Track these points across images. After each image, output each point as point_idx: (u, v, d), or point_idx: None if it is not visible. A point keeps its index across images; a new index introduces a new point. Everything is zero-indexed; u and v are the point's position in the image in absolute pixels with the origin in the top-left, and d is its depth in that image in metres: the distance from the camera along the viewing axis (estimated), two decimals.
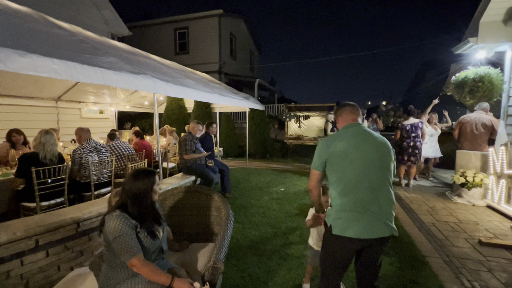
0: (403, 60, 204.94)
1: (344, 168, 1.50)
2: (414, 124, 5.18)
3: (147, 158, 4.52)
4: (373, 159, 1.49)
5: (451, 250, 2.83)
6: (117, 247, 1.36)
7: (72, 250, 2.24)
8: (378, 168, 1.49)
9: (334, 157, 1.53)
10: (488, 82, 4.54)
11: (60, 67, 2.16)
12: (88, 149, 3.43)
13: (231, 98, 5.87)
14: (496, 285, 2.24)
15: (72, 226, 2.21)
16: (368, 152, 1.50)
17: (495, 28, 4.19)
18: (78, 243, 2.28)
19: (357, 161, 1.48)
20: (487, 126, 4.58)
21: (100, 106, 7.26)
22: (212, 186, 4.18)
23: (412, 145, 5.16)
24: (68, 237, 2.19)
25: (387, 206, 1.48)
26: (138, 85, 3.00)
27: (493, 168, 4.01)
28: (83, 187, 3.40)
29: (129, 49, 5.07)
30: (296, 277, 2.32)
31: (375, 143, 1.53)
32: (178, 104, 9.22)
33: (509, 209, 3.65)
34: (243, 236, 3.13)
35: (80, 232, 2.27)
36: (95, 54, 3.01)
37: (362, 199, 1.45)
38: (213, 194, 2.23)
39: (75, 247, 2.25)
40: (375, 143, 1.53)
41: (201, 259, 1.87)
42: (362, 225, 1.44)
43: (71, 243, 2.22)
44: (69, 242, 2.20)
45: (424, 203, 4.36)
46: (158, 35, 14.36)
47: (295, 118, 9.76)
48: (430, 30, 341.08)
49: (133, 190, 1.47)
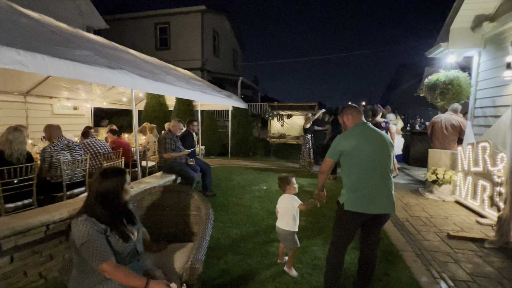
0: (382, 62, 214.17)
1: (357, 159, 1.86)
2: (377, 124, 5.13)
3: (125, 156, 4.36)
4: (379, 150, 1.87)
5: (422, 244, 2.99)
6: (86, 253, 1.28)
7: (40, 255, 2.11)
8: (382, 157, 1.87)
9: (350, 149, 1.88)
10: (457, 85, 4.83)
11: (27, 59, 2.01)
12: (59, 147, 3.24)
13: (213, 96, 5.80)
14: (462, 276, 2.39)
15: (41, 229, 2.08)
16: (375, 145, 1.88)
17: (464, 34, 4.45)
18: (47, 246, 2.15)
19: (367, 152, 1.85)
20: (455, 126, 4.87)
21: (74, 102, 6.88)
22: (193, 185, 4.12)
23: None
24: (36, 240, 2.06)
25: (389, 188, 1.88)
26: (115, 81, 2.87)
27: (461, 166, 4.27)
28: (54, 188, 3.21)
29: (106, 42, 4.85)
30: (276, 275, 2.34)
31: (380, 137, 1.92)
32: (159, 101, 8.98)
33: (475, 204, 3.91)
34: (224, 235, 3.11)
35: (49, 235, 2.15)
36: (67, 47, 2.85)
37: (370, 182, 1.84)
38: (192, 193, 2.19)
39: (44, 251, 2.13)
40: (380, 138, 1.91)
41: (180, 259, 1.83)
42: (368, 203, 1.82)
43: (40, 247, 2.09)
44: (37, 246, 2.07)
45: (399, 200, 4.56)
46: (137, 29, 13.85)
47: (277, 117, 9.83)
48: (408, 34, 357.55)
49: (102, 191, 1.40)
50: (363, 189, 1.84)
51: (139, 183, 3.41)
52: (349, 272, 2.41)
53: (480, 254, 2.77)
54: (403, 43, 63.81)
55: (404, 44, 58.04)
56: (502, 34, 3.95)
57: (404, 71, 19.56)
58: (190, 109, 8.88)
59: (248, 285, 2.21)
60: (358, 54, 66.51)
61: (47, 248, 2.14)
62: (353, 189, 1.87)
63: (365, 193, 1.83)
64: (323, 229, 3.31)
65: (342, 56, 39.32)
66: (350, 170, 1.90)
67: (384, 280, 2.30)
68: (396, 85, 22.01)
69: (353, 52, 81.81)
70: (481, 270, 2.48)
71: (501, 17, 3.83)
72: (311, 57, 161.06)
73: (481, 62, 4.51)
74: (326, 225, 3.44)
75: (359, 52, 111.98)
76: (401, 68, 20.25)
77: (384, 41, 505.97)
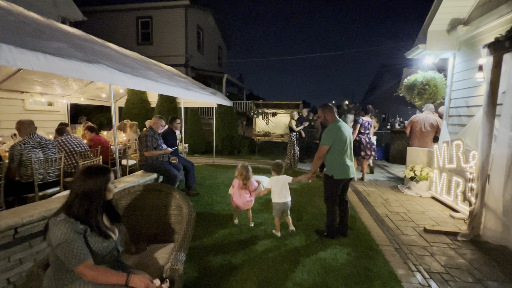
0: (365, 62, 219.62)
1: (340, 144, 2.84)
2: (370, 122, 5.82)
3: (103, 155, 4.19)
4: (349, 138, 2.91)
5: (401, 238, 3.10)
6: (62, 254, 1.24)
7: (8, 260, 1.97)
8: (350, 141, 2.94)
9: (337, 138, 2.84)
10: (434, 86, 5.04)
11: None
12: (30, 144, 3.05)
13: (197, 92, 5.68)
14: (437, 268, 2.50)
15: (8, 233, 1.95)
16: (347, 134, 2.90)
17: (440, 36, 4.64)
18: (16, 251, 2.01)
19: (344, 139, 2.85)
20: (433, 125, 5.08)
21: (48, 98, 6.51)
22: (176, 184, 4.02)
23: (369, 141, 5.74)
24: (2, 245, 1.93)
25: (353, 161, 3.01)
26: (91, 75, 2.73)
27: (436, 163, 4.47)
28: (25, 188, 3.03)
29: (82, 35, 4.61)
30: (260, 272, 2.34)
31: (348, 129, 2.95)
32: (141, 98, 8.70)
33: (449, 199, 4.11)
34: (207, 234, 3.06)
35: (18, 238, 2.01)
36: (38, 38, 2.68)
37: (346, 159, 2.89)
38: (173, 192, 2.13)
39: (12, 256, 1.99)
40: (348, 129, 2.96)
41: (160, 260, 1.77)
42: (347, 172, 2.89)
43: (7, 252, 1.96)
44: (3, 250, 1.94)
45: (379, 196, 4.70)
46: (118, 22, 13.33)
47: (262, 115, 9.83)
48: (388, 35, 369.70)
49: (84, 190, 1.34)
50: (344, 163, 2.87)
51: (118, 182, 3.29)
52: (333, 266, 2.45)
53: (453, 246, 2.91)
54: (385, 44, 65.88)
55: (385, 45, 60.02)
56: (475, 37, 4.16)
57: (384, 71, 20.15)
58: (174, 106, 8.67)
59: (231, 284, 2.18)
60: (341, 53, 67.94)
61: (15, 253, 2.01)
62: (339, 164, 2.86)
63: (345, 166, 2.87)
64: (307, 226, 3.35)
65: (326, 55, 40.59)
66: (337, 152, 2.85)
67: (364, 275, 2.35)
68: (377, 84, 22.65)
69: (336, 51, 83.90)
70: (454, 262, 2.61)
71: (474, 21, 4.02)
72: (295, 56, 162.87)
73: (455, 64, 4.72)
74: (308, 222, 3.48)
75: (342, 51, 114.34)
76: (382, 68, 20.83)
77: (367, 42, 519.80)
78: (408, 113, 15.11)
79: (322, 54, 20.46)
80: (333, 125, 2.88)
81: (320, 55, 42.72)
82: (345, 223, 3.09)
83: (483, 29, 3.93)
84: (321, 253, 2.69)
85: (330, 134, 2.85)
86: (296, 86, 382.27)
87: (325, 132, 2.88)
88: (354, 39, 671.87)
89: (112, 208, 1.55)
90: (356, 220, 3.59)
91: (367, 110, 5.87)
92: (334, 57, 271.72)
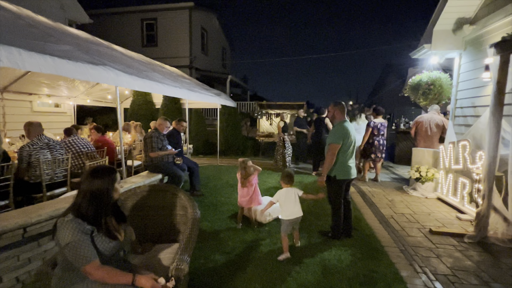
0: (369, 62, 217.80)
1: (347, 144, 2.85)
2: (383, 124, 5.53)
3: (109, 155, 4.24)
4: (354, 139, 2.93)
5: (406, 240, 3.07)
6: (69, 254, 1.26)
7: (17, 258, 2.01)
8: (355, 142, 2.96)
9: (346, 137, 2.84)
10: (439, 86, 4.99)
11: (1, 53, 1.90)
12: (38, 145, 3.11)
13: (201, 94, 5.72)
14: (443, 269, 2.48)
15: (18, 232, 1.98)
16: (353, 136, 2.91)
17: (446, 36, 4.59)
18: (25, 250, 2.05)
19: (351, 141, 2.88)
20: (439, 126, 5.03)
21: (55, 99, 6.61)
22: (180, 184, 4.05)
23: (382, 143, 5.54)
24: (12, 244, 1.97)
25: (355, 162, 3.04)
26: (97, 77, 2.77)
27: (442, 164, 4.42)
28: (34, 188, 3.08)
29: (89, 37, 4.67)
30: (264, 273, 2.34)
31: (353, 130, 2.96)
32: (146, 99, 8.78)
33: (455, 200, 4.06)
34: (211, 235, 3.08)
35: (27, 238, 2.05)
36: (46, 41, 2.72)
37: (351, 159, 2.93)
38: (179, 193, 2.15)
39: (21, 255, 2.03)
40: (353, 130, 2.97)
41: (165, 260, 1.79)
42: (349, 172, 2.92)
43: (16, 251, 2.00)
44: (13, 249, 1.98)
45: (384, 197, 4.67)
46: (123, 25, 13.48)
47: (266, 115, 9.84)
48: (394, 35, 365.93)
49: (91, 190, 1.36)
50: (347, 164, 2.89)
51: (124, 183, 3.32)
52: (337, 267, 2.44)
53: (460, 248, 2.88)
54: (390, 44, 65.36)
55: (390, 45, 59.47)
56: (481, 37, 4.11)
57: (390, 71, 20.00)
58: (178, 107, 8.73)
59: (235, 284, 2.19)
60: (346, 53, 67.57)
61: (24, 252, 2.05)
62: (342, 165, 2.87)
63: (348, 167, 2.90)
64: (311, 227, 3.34)
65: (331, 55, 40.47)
66: (344, 151, 2.85)
67: (369, 276, 2.34)
68: (382, 84, 22.48)
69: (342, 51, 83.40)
70: (461, 264, 2.58)
71: (481, 21, 3.98)
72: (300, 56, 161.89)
73: (461, 64, 4.66)
74: (312, 223, 3.47)
75: (347, 52, 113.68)
76: (387, 68, 20.68)
77: (372, 42, 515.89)
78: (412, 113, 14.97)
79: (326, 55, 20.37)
80: (342, 124, 2.88)
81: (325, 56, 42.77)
82: (349, 224, 3.08)
83: (489, 28, 3.88)
84: (325, 254, 2.69)
85: (339, 133, 2.84)
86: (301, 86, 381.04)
87: (334, 131, 2.88)
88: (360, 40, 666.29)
89: (118, 209, 1.57)
90: (361, 221, 3.57)
91: (378, 111, 5.53)
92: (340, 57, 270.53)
